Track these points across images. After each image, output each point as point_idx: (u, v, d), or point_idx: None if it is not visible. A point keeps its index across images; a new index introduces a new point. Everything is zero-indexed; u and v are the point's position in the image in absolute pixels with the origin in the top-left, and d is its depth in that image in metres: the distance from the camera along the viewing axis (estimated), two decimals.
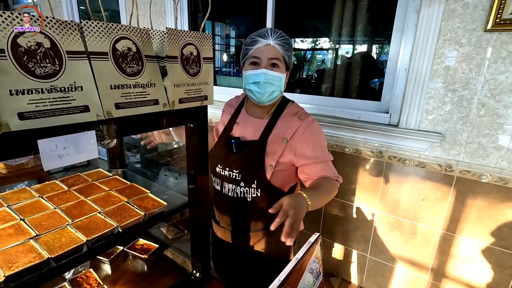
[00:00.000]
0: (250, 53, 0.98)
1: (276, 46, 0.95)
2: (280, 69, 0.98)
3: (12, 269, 0.56)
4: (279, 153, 0.98)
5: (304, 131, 0.98)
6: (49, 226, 0.71)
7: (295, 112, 1.03)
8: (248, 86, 0.99)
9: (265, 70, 0.95)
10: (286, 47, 0.97)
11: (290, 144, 0.98)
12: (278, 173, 1.00)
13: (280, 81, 0.98)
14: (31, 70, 0.48)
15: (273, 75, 0.96)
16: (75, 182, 0.97)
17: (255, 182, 0.99)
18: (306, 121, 1.00)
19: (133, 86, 0.63)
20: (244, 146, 1.01)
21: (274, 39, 0.95)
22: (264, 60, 0.96)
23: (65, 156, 0.54)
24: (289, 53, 0.99)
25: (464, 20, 1.27)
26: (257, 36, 0.97)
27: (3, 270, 0.55)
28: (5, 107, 0.45)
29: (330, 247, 1.95)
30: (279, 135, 0.99)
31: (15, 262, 0.58)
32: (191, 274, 0.99)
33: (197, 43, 0.74)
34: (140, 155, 1.79)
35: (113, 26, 0.59)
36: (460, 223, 1.49)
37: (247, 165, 1.00)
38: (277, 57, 0.96)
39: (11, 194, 0.87)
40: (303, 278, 1.30)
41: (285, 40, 0.97)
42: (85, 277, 0.91)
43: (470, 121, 1.35)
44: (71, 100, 0.53)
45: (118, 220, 0.74)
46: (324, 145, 1.02)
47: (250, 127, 1.05)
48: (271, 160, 0.98)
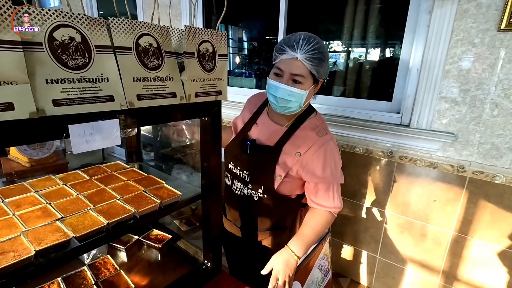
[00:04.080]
0: (276, 62, 0.94)
1: (303, 61, 0.88)
2: (304, 85, 0.92)
3: (41, 245, 0.61)
4: (290, 166, 0.97)
5: (319, 148, 0.95)
6: (72, 210, 0.76)
7: (315, 126, 0.99)
8: (268, 93, 0.98)
9: (284, 86, 0.91)
10: (316, 62, 0.89)
11: (302, 159, 0.96)
12: (287, 183, 1.00)
13: (300, 97, 0.93)
14: (64, 62, 0.53)
15: (292, 91, 0.91)
16: (96, 172, 1.02)
17: (262, 188, 1.00)
18: (323, 139, 0.96)
19: (153, 79, 0.68)
20: (258, 149, 1.01)
21: (303, 52, 0.87)
22: (286, 75, 0.91)
23: (92, 142, 0.58)
24: (319, 67, 0.90)
25: (477, 20, 1.27)
26: (286, 45, 0.90)
27: (33, 245, 0.60)
28: (42, 94, 0.50)
29: (339, 248, 1.95)
30: (293, 147, 0.97)
31: (44, 239, 0.63)
32: (203, 264, 1.02)
33: (213, 40, 0.78)
34: (155, 152, 1.85)
35: (136, 23, 0.63)
36: (472, 225, 1.47)
37: (257, 170, 1.01)
38: (301, 73, 0.90)
39: (37, 181, 0.93)
40: (312, 273, 1.32)
41: (316, 54, 0.88)
42: (103, 262, 0.96)
43: (483, 122, 1.34)
44: (98, 90, 0.58)
45: (136, 207, 0.79)
46: (336, 165, 0.99)
47: (268, 131, 1.04)
48: (281, 170, 0.97)
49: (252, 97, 1.19)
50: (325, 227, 1.03)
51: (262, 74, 2.92)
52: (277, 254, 0.97)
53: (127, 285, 0.86)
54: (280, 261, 0.94)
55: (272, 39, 3.31)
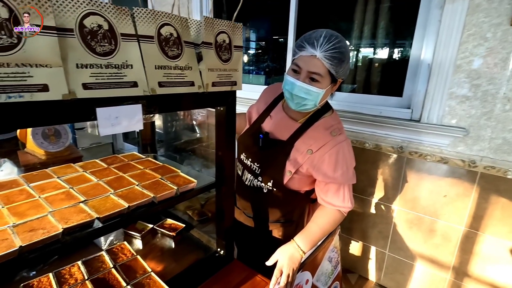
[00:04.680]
0: (295, 58, 0.93)
1: (322, 59, 0.86)
2: (321, 84, 0.90)
3: (68, 223, 0.64)
4: (301, 163, 0.97)
5: (331, 149, 0.94)
6: (94, 194, 0.79)
7: (329, 125, 0.98)
8: (284, 89, 0.98)
9: (300, 83, 0.90)
10: (335, 62, 0.87)
11: (313, 157, 0.96)
12: (296, 179, 1.01)
13: (316, 96, 0.92)
14: (93, 48, 0.56)
15: (308, 89, 0.90)
16: (113, 161, 1.06)
17: (271, 181, 1.02)
18: (336, 139, 0.95)
19: (173, 67, 0.70)
20: (270, 143, 1.02)
21: (323, 50, 0.85)
22: (304, 73, 0.90)
23: (116, 125, 0.61)
24: (338, 67, 0.88)
25: (489, 15, 1.27)
26: (306, 41, 0.88)
27: (61, 223, 0.63)
28: (73, 78, 0.53)
29: (348, 243, 1.96)
30: (305, 145, 0.97)
31: (70, 219, 0.66)
32: (216, 252, 1.05)
33: (230, 31, 0.81)
34: (165, 147, 1.89)
35: (158, 13, 0.66)
36: (484, 220, 1.46)
37: (268, 164, 1.02)
38: (319, 72, 0.88)
39: (58, 168, 0.97)
40: (322, 265, 1.33)
41: (336, 53, 0.86)
42: (120, 248, 0.99)
43: (495, 116, 1.34)
44: (123, 76, 0.61)
45: (154, 192, 0.82)
46: (348, 167, 0.97)
47: (281, 125, 1.04)
48: (292, 167, 0.98)
49: (268, 87, 1.19)
50: (333, 225, 1.02)
51: (271, 71, 2.94)
52: (283, 247, 0.97)
53: (144, 269, 0.89)
54: (285, 254, 0.94)
55: (279, 39, 3.33)
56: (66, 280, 0.81)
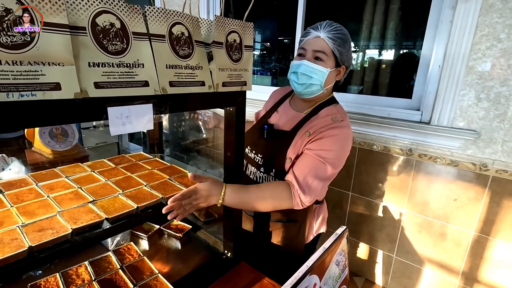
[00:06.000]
0: (300, 45, 0.98)
1: (325, 39, 0.92)
2: (325, 63, 0.94)
3: (77, 223, 0.63)
4: (300, 147, 0.96)
5: (328, 130, 0.93)
6: (102, 194, 0.79)
7: (332, 113, 0.99)
8: (290, 76, 1.00)
9: (306, 62, 0.94)
10: (338, 41, 0.92)
11: (310, 137, 0.95)
12: None
13: (321, 75, 0.94)
14: (105, 47, 0.55)
15: (313, 68, 0.93)
16: (121, 161, 1.05)
17: (273, 171, 1.01)
18: (336, 124, 0.94)
19: (184, 67, 0.70)
20: (274, 134, 1.04)
21: (325, 31, 0.92)
22: (309, 52, 0.94)
23: (127, 124, 0.61)
24: (341, 48, 0.93)
25: (503, 15, 1.25)
26: (311, 28, 0.96)
27: (70, 224, 0.63)
28: (85, 76, 0.52)
29: (354, 246, 1.93)
30: (306, 129, 0.98)
31: (79, 219, 0.65)
32: (223, 254, 1.04)
33: (240, 31, 0.80)
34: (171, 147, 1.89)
35: (170, 12, 0.65)
36: (495, 225, 1.43)
37: (270, 153, 1.02)
38: (323, 50, 0.93)
39: (67, 168, 0.97)
40: (329, 268, 1.31)
41: (338, 34, 0.92)
42: (126, 248, 0.98)
43: (508, 119, 1.31)
44: (135, 75, 0.60)
45: (162, 193, 0.81)
46: (337, 153, 0.93)
47: (287, 118, 1.06)
48: (292, 153, 0.98)
49: (278, 89, 1.23)
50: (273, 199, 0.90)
51: (276, 72, 2.94)
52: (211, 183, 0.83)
53: (150, 270, 0.88)
54: (207, 188, 0.82)
55: (285, 40, 3.32)
56: (73, 280, 0.81)
